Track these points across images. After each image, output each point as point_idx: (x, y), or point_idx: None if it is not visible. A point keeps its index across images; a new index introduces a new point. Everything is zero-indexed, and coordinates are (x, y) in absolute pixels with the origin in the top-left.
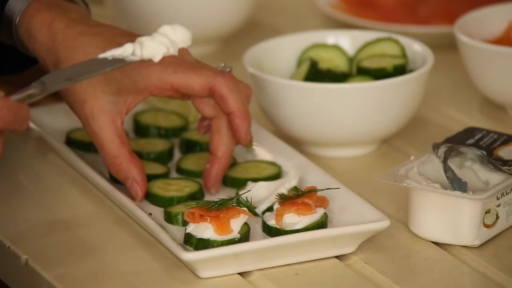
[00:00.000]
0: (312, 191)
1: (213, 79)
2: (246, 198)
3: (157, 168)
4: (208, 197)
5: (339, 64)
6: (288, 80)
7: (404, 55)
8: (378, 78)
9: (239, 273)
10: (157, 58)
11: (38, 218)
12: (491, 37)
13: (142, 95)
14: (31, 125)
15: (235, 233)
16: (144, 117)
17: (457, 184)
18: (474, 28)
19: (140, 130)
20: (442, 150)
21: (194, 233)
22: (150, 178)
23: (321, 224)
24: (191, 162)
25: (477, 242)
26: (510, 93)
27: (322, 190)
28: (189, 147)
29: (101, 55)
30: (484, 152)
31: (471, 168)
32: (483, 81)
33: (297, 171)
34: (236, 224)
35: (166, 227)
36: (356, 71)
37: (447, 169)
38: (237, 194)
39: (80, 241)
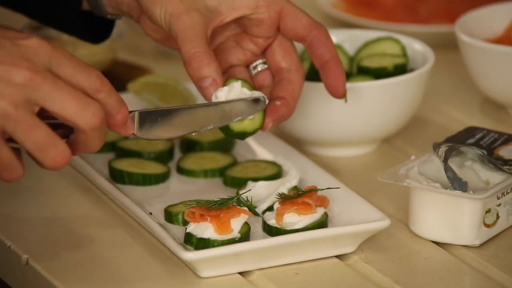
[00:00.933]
0: (312, 190)
1: (318, 24)
2: (247, 197)
3: (157, 168)
4: (209, 196)
5: None
6: None
7: (404, 54)
8: (379, 78)
9: (240, 273)
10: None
11: (38, 218)
12: (492, 36)
13: (244, 10)
14: None
15: (235, 233)
16: None
17: (457, 183)
18: (475, 28)
19: None
20: (442, 149)
21: (194, 232)
22: (151, 178)
23: (321, 223)
24: (192, 162)
25: (477, 242)
26: (510, 92)
27: (323, 189)
28: (190, 146)
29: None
30: (485, 152)
31: (472, 168)
32: (484, 81)
33: (297, 170)
34: (236, 224)
35: (167, 227)
36: (357, 71)
37: (447, 168)
38: (237, 193)
39: (80, 240)
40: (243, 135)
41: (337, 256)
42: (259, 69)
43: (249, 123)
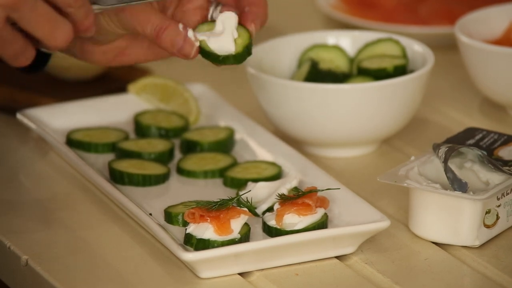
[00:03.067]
0: (312, 191)
1: None
2: (247, 198)
3: (157, 169)
4: (209, 196)
5: (340, 64)
6: (289, 81)
7: (404, 55)
8: (379, 79)
9: (240, 274)
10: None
11: (38, 219)
12: (491, 37)
13: None
14: (31, 125)
15: (235, 234)
16: (144, 118)
17: (457, 184)
18: (475, 29)
19: (141, 130)
20: (442, 150)
21: (194, 233)
22: (151, 178)
23: (321, 224)
24: (192, 163)
25: (477, 243)
26: (511, 93)
27: (323, 190)
28: (190, 147)
29: None
30: (485, 152)
31: (471, 169)
32: (484, 82)
33: (297, 171)
34: (236, 225)
35: (167, 227)
36: (357, 72)
37: (447, 169)
38: (237, 194)
39: (80, 241)
40: (249, 48)
41: (337, 257)
42: (218, 12)
43: (242, 39)
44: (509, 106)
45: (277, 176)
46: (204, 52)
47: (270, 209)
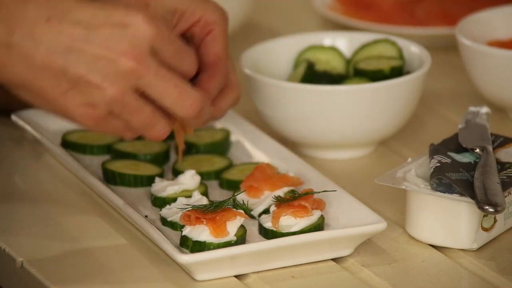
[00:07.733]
0: (309, 193)
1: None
2: (243, 200)
3: (150, 169)
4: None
5: (336, 65)
6: (285, 82)
7: (401, 56)
8: (375, 80)
9: (236, 276)
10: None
11: (33, 221)
12: (492, 39)
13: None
14: (26, 126)
15: (231, 236)
16: None
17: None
18: (475, 31)
19: None
20: (435, 160)
21: (190, 235)
22: (142, 179)
23: (318, 226)
24: (188, 164)
25: (475, 246)
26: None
27: (319, 192)
28: (186, 149)
29: None
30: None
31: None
32: (485, 85)
33: (293, 173)
34: (232, 227)
35: (162, 230)
36: (353, 73)
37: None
38: (233, 195)
39: (75, 243)
40: None
41: (333, 259)
42: None
43: None
44: (510, 109)
45: None
46: None
47: (266, 211)
